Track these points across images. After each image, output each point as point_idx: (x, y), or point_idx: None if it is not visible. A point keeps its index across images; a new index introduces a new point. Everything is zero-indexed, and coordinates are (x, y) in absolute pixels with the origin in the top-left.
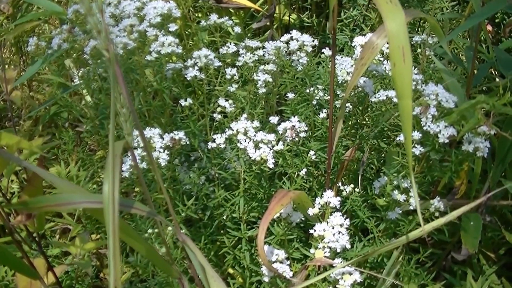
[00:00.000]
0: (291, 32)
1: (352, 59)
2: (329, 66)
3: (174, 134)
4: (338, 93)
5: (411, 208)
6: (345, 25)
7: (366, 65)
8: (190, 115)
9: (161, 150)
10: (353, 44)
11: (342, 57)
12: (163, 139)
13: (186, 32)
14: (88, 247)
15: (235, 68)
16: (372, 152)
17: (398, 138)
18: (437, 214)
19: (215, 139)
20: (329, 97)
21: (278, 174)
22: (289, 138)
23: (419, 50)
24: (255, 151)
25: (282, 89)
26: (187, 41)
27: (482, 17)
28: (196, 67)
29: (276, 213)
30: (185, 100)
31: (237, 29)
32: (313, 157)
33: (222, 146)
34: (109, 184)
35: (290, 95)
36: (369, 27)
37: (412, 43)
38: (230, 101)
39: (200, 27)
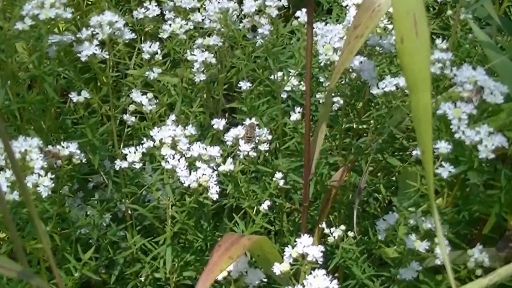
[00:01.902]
0: None
1: (342, 27)
2: (305, 39)
3: (62, 147)
4: (321, 80)
5: (437, 262)
6: None
7: (363, 37)
8: (87, 116)
9: (42, 172)
10: (344, 3)
11: (326, 25)
12: (45, 154)
13: None
14: None
15: (158, 42)
16: (378, 174)
17: (416, 152)
18: (479, 271)
19: (126, 155)
20: (305, 87)
21: (228, 209)
22: (243, 149)
23: (449, 12)
24: (190, 174)
25: (232, 75)
26: None
27: None
28: (95, 41)
29: (222, 270)
30: (79, 93)
31: None
32: (281, 182)
33: (138, 166)
34: None
35: (245, 85)
36: None
37: (438, 1)
38: (150, 95)
39: None
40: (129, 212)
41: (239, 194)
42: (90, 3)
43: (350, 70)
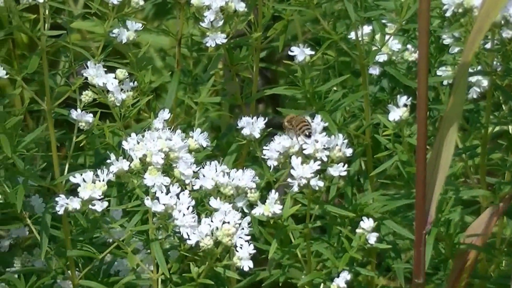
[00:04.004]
0: None
1: None
2: None
3: None
4: (446, 43)
5: None
6: None
7: None
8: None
9: None
10: None
11: None
12: None
13: None
14: None
15: None
16: None
17: None
18: None
19: (76, 186)
20: (415, 55)
21: (272, 285)
22: (299, 173)
23: None
24: (199, 222)
25: (277, 34)
26: None
27: None
28: None
29: None
30: None
31: None
32: (372, 239)
33: (99, 207)
34: None
35: (301, 52)
36: None
37: None
38: (121, 72)
39: None
40: None
41: (290, 261)
42: None
43: (503, 23)
